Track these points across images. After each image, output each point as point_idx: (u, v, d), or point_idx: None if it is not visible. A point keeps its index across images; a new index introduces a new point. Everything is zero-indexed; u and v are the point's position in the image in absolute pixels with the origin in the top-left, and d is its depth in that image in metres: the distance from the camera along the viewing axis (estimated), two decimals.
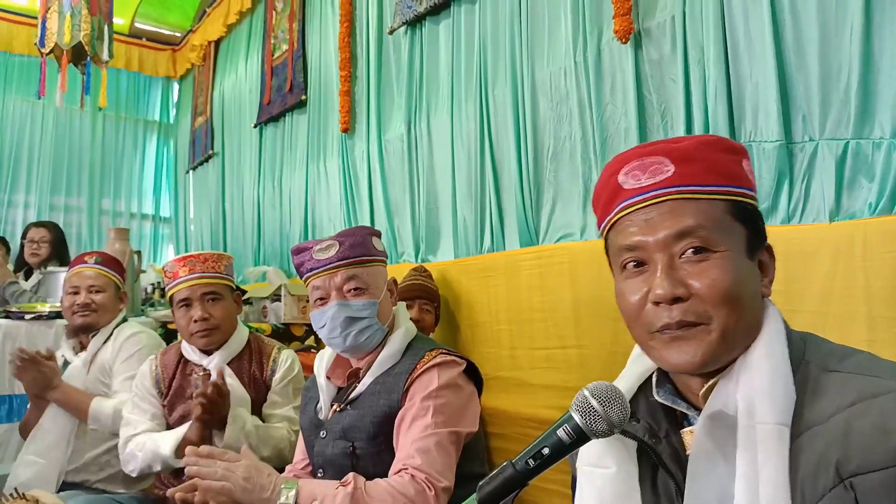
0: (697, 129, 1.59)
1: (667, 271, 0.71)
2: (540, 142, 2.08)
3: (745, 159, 0.77)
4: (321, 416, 1.40)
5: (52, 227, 3.65)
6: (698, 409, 0.73)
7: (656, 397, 0.78)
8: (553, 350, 1.95)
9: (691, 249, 0.70)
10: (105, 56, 3.11)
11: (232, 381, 1.75)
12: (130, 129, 5.56)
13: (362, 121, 2.97)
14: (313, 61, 3.45)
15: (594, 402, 0.66)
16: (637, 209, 0.74)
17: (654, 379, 0.79)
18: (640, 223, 0.73)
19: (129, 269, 3.12)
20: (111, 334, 2.13)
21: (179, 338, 1.94)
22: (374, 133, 2.86)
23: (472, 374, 1.39)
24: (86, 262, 2.20)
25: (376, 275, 1.41)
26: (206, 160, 4.77)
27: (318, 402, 1.43)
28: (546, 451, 0.66)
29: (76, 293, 2.12)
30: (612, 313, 1.80)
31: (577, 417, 0.66)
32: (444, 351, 1.36)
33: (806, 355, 0.70)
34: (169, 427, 1.82)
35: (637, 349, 0.83)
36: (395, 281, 1.48)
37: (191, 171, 5.15)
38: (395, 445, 1.29)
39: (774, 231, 1.05)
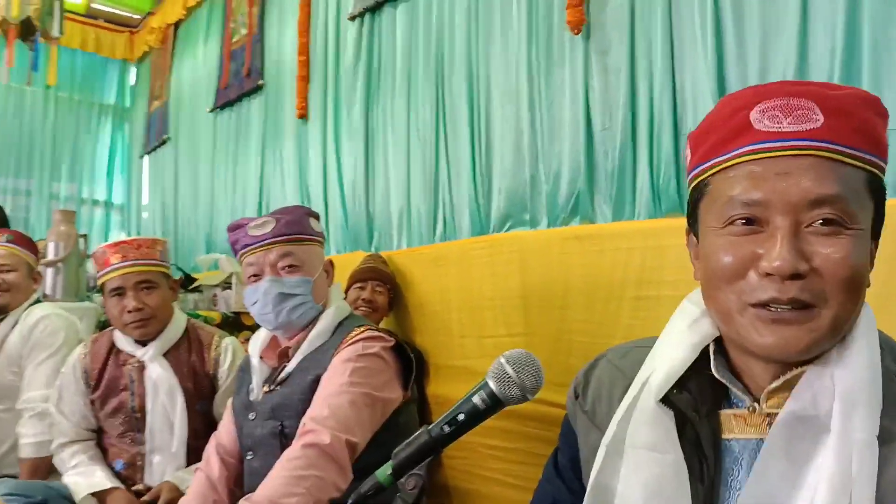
0: (642, 120, 1.62)
1: (791, 241, 0.59)
2: (492, 131, 2.09)
3: (887, 126, 0.65)
4: (252, 398, 1.38)
5: None
6: (751, 394, 0.67)
7: (714, 372, 0.68)
8: (501, 338, 1.96)
9: (821, 220, 0.60)
10: (55, 32, 3.02)
11: (164, 371, 1.70)
12: (84, 112, 5.39)
13: (319, 107, 2.94)
14: (272, 46, 3.41)
15: (509, 369, 0.66)
16: (769, 157, 0.61)
17: (711, 351, 0.70)
18: (769, 175, 0.61)
19: (75, 253, 3.03)
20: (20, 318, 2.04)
21: None
22: (330, 120, 2.84)
23: (401, 355, 1.38)
24: None
25: (312, 254, 1.40)
26: (161, 145, 4.67)
27: (251, 383, 1.41)
28: (461, 417, 0.66)
29: None
30: (559, 301, 1.83)
31: (492, 384, 0.66)
32: (371, 328, 1.37)
33: (885, 359, 0.63)
34: (98, 421, 1.78)
35: (691, 314, 0.72)
36: (331, 262, 1.48)
37: (145, 157, 5.03)
38: None
39: None
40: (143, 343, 1.75)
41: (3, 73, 3.09)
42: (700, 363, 0.69)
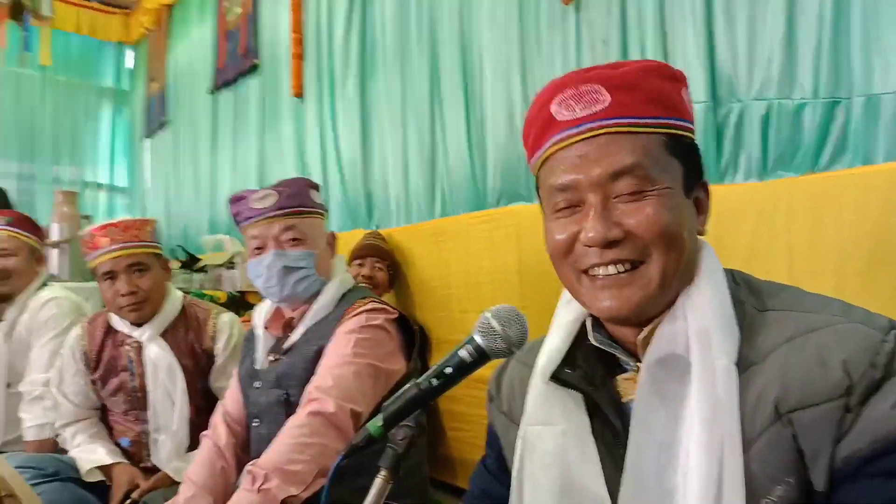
0: None
1: (600, 213, 0.66)
2: (485, 105, 2.09)
3: (684, 87, 0.71)
4: (257, 367, 1.41)
5: None
6: (634, 356, 0.71)
7: (592, 342, 0.74)
8: None
9: (626, 189, 0.66)
10: (45, 11, 3.01)
11: (162, 351, 1.70)
12: (83, 96, 5.37)
13: (314, 85, 2.94)
14: (266, 25, 3.39)
15: (495, 323, 0.69)
16: (570, 144, 0.68)
17: (588, 323, 0.75)
18: (573, 160, 0.67)
19: (79, 234, 3.06)
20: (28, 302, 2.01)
21: None
22: (325, 98, 2.84)
23: (404, 329, 1.40)
24: None
25: (314, 226, 1.41)
26: (161, 127, 4.69)
27: (255, 352, 1.43)
28: (449, 370, 0.68)
29: None
30: (555, 274, 1.85)
31: (478, 338, 0.68)
32: (375, 300, 1.38)
33: (740, 295, 0.68)
34: (101, 399, 1.79)
35: (566, 295, 0.78)
36: (333, 235, 1.49)
37: (146, 140, 5.04)
38: None
39: None
40: (138, 324, 1.74)
41: None
42: (585, 338, 0.75)
